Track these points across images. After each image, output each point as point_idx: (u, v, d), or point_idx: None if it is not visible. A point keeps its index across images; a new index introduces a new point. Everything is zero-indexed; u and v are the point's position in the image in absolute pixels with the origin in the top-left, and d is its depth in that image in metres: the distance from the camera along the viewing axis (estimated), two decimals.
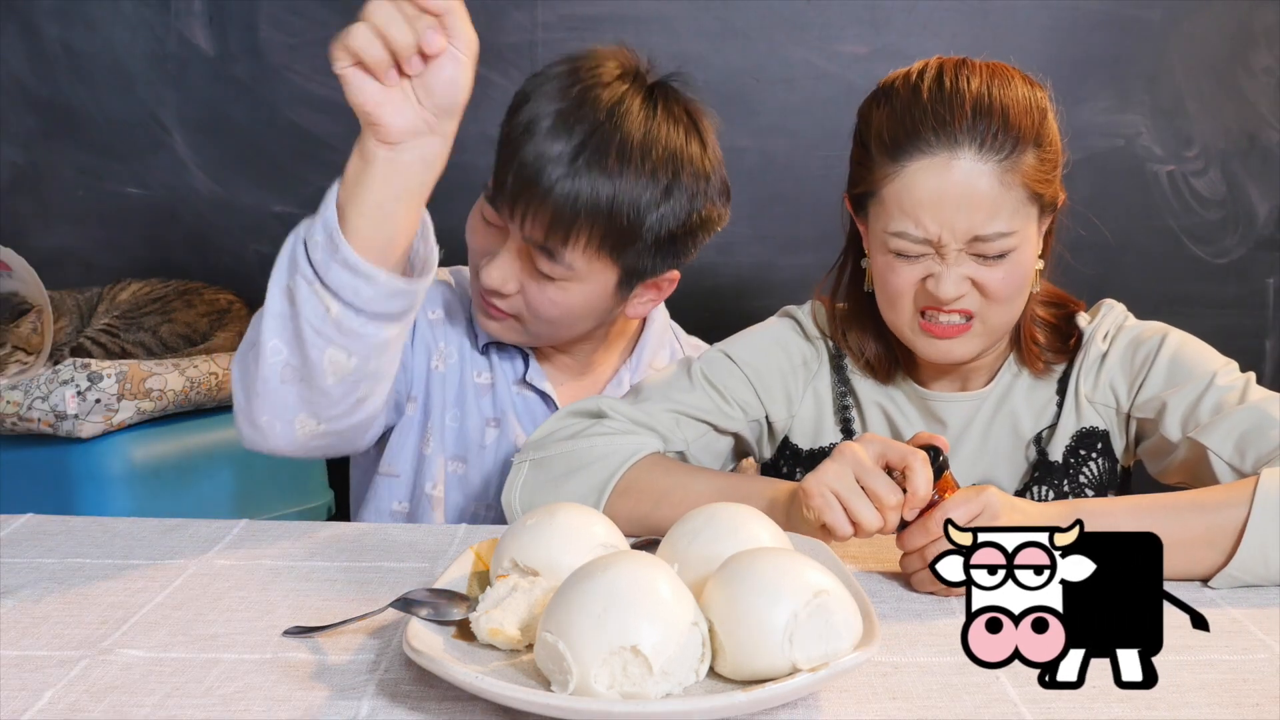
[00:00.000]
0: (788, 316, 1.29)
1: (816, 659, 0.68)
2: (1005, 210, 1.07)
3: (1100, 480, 1.20)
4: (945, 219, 1.06)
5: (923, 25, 2.03)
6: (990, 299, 1.10)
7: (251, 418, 1.09)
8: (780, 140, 2.04)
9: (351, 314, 1.00)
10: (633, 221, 1.21)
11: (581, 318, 1.30)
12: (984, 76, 1.10)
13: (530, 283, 1.25)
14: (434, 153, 1.01)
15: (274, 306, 1.03)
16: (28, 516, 1.11)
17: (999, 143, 1.06)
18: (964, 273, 1.09)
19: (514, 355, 1.39)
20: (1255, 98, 2.08)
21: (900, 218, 1.08)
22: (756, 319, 1.30)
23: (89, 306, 1.87)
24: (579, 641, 0.67)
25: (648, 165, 1.21)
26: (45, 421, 1.58)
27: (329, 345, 1.01)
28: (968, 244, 1.07)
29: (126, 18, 2.02)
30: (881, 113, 1.11)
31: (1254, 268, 2.12)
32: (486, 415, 1.37)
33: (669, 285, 1.34)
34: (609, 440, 1.12)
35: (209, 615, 0.87)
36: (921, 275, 1.10)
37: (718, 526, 0.82)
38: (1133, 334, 1.19)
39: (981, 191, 1.06)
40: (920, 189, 1.07)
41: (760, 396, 1.23)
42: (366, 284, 0.99)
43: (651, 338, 1.45)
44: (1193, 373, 1.13)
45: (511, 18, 2.00)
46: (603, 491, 1.08)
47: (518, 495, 1.13)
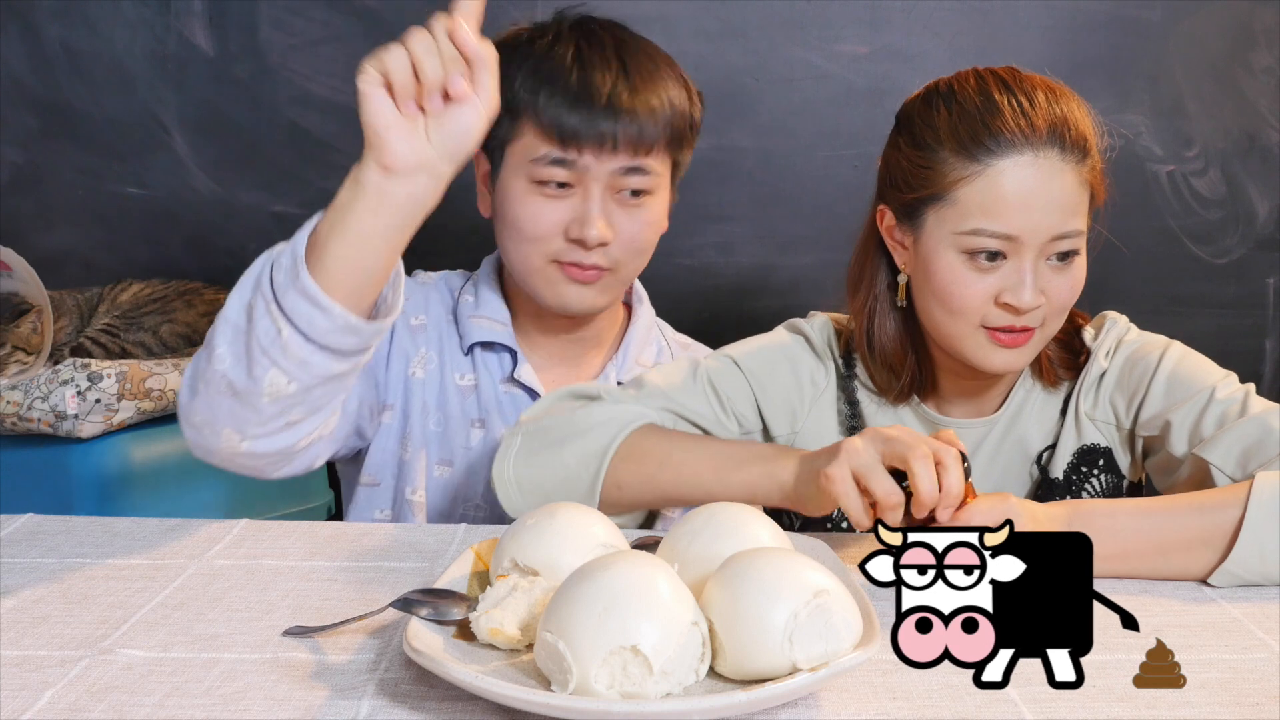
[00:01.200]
0: (796, 332, 1.27)
1: (816, 659, 0.68)
2: (1081, 210, 1.09)
3: (1103, 496, 1.20)
4: (1032, 216, 1.07)
5: (923, 25, 2.03)
6: (1055, 309, 1.11)
7: (190, 417, 1.08)
8: (780, 140, 2.04)
9: (301, 340, 1.00)
10: (682, 113, 1.31)
11: (658, 235, 1.35)
12: (1041, 85, 1.11)
13: (622, 216, 1.29)
14: (426, 193, 1.00)
15: (231, 316, 1.03)
16: (28, 516, 1.11)
17: (1076, 145, 1.08)
18: (1041, 280, 1.08)
19: (500, 352, 1.39)
20: (1255, 98, 2.08)
21: (980, 216, 1.07)
22: (756, 319, 1.30)
23: (89, 306, 1.87)
24: (579, 641, 0.67)
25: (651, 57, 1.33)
26: (45, 421, 1.58)
27: (273, 366, 1.01)
28: (1048, 243, 1.08)
29: (126, 18, 2.02)
30: (947, 114, 1.11)
31: (1254, 268, 2.12)
32: (471, 416, 1.37)
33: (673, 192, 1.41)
34: (607, 408, 1.12)
35: (209, 615, 0.87)
36: (997, 287, 1.09)
37: (718, 526, 0.82)
38: (1130, 350, 1.19)
39: (1064, 191, 1.07)
40: (1007, 185, 1.07)
41: (761, 410, 1.22)
42: (322, 315, 0.99)
43: (637, 334, 1.45)
44: (1193, 388, 1.13)
45: (511, 18, 1.99)
46: (603, 457, 1.07)
47: (511, 464, 1.11)
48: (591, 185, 1.27)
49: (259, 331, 1.00)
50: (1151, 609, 0.91)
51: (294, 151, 2.03)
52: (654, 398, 1.18)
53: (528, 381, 1.37)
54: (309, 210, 1.03)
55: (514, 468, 1.11)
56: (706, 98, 1.39)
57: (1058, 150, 1.07)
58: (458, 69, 0.95)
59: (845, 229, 1.93)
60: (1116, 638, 0.84)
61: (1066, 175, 1.08)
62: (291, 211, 2.02)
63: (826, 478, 0.94)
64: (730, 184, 2.02)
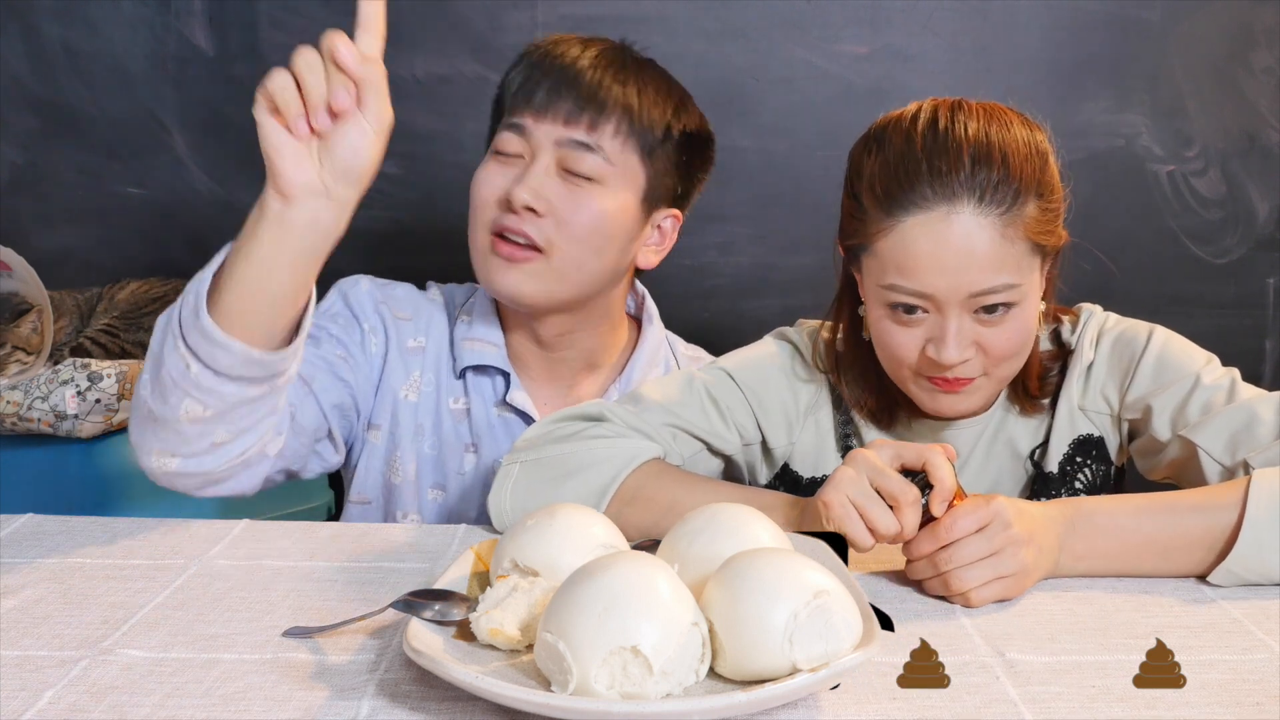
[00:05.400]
0: (785, 341, 1.25)
1: (816, 659, 0.68)
2: (1008, 265, 1.03)
3: (1094, 484, 1.20)
4: (945, 277, 1.03)
5: (923, 25, 2.03)
6: (996, 359, 1.08)
7: (130, 437, 1.08)
8: (780, 140, 2.04)
9: (211, 374, 0.99)
10: (655, 118, 1.27)
11: (609, 239, 1.28)
12: (981, 120, 1.05)
13: (564, 194, 1.25)
14: (328, 218, 0.98)
15: (153, 347, 1.03)
16: (28, 516, 1.11)
17: (999, 195, 1.02)
18: (966, 334, 1.05)
19: (494, 375, 1.36)
20: (1255, 98, 2.07)
21: (895, 273, 1.05)
22: (756, 319, 1.30)
23: (89, 306, 1.86)
24: (579, 641, 0.67)
25: (662, 77, 1.31)
26: (45, 421, 1.58)
27: (186, 396, 1.00)
28: (968, 299, 1.04)
29: (126, 18, 2.02)
30: (874, 162, 1.07)
31: (1254, 268, 2.11)
32: (465, 441, 1.35)
33: (673, 229, 1.36)
34: (608, 444, 1.09)
35: (209, 615, 0.87)
36: (923, 339, 1.07)
37: (718, 526, 0.82)
38: (1115, 335, 1.18)
39: (982, 248, 1.02)
40: (916, 246, 1.03)
41: (760, 422, 1.21)
42: (223, 352, 0.98)
43: (644, 355, 1.41)
44: (1180, 371, 1.13)
45: (511, 18, 2.00)
46: (603, 496, 1.06)
47: (508, 497, 1.09)
48: (540, 154, 1.25)
49: (169, 365, 1.00)
50: (1151, 609, 0.91)
51: None
52: (653, 412, 1.16)
53: (520, 405, 1.34)
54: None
55: (511, 500, 1.09)
56: (707, 98, 1.38)
57: (973, 205, 1.02)
58: (341, 85, 0.92)
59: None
60: (1117, 638, 0.84)
61: (986, 231, 1.02)
62: None
63: (824, 504, 0.93)
64: (730, 184, 2.01)
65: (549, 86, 1.25)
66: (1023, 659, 0.80)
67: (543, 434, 1.13)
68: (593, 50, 1.28)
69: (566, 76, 1.25)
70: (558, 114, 1.24)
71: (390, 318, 1.36)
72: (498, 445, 1.35)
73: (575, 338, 1.36)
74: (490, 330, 1.36)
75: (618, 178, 1.27)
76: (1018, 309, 1.06)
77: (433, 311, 1.39)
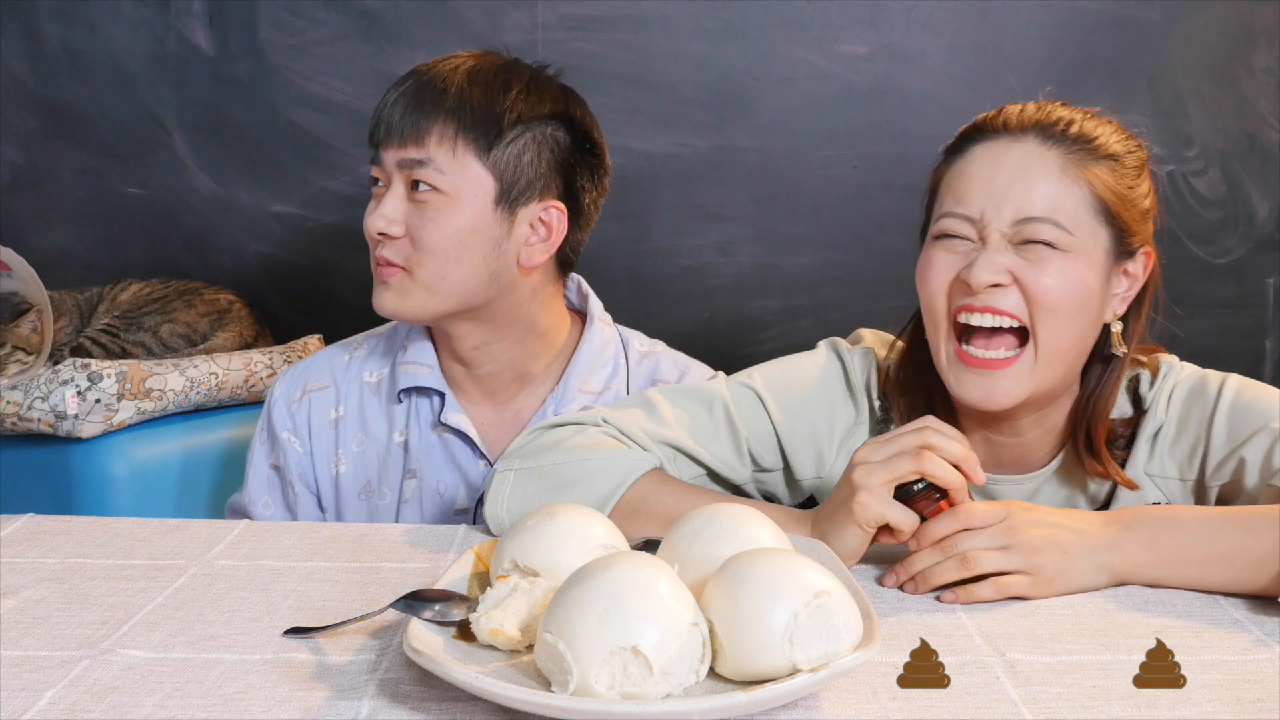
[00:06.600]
0: (835, 357, 1.20)
1: (816, 659, 0.68)
2: (1061, 205, 1.02)
3: None
4: (993, 194, 1.03)
5: (923, 25, 2.03)
6: (1036, 305, 1.02)
7: None
8: (780, 140, 2.04)
9: None
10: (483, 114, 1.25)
11: (465, 248, 1.27)
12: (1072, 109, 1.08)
13: (413, 212, 1.26)
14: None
15: None
16: (28, 516, 1.11)
17: (1069, 137, 1.04)
18: (1002, 262, 1.02)
19: (431, 396, 1.37)
20: (1255, 98, 2.07)
21: (950, 200, 1.05)
22: (756, 319, 1.28)
23: (89, 306, 1.86)
24: (579, 642, 0.67)
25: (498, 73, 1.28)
26: (45, 421, 1.58)
27: None
28: (1013, 227, 1.02)
29: (126, 18, 2.02)
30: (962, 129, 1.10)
31: (1254, 268, 2.11)
32: (405, 468, 1.37)
33: (559, 222, 1.30)
34: (606, 454, 1.06)
35: (209, 616, 0.87)
36: (959, 265, 1.04)
37: (718, 526, 0.82)
38: (1187, 389, 1.11)
39: (1037, 174, 1.02)
40: (973, 166, 1.05)
41: (785, 451, 1.16)
42: None
43: (582, 359, 1.37)
44: (1262, 416, 1.05)
45: (511, 18, 2.00)
46: (603, 508, 1.04)
47: (504, 505, 1.07)
48: (394, 179, 1.28)
49: None
50: (1152, 609, 0.91)
51: (294, 151, 2.03)
52: (660, 426, 1.12)
53: (456, 424, 1.34)
54: (309, 210, 1.03)
55: (508, 509, 1.07)
56: (707, 98, 1.36)
57: (1037, 138, 1.04)
58: None
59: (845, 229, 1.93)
60: (1117, 638, 0.84)
61: (1045, 161, 1.03)
62: (291, 211, 2.02)
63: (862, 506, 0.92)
64: (730, 184, 2.01)
65: (388, 112, 1.27)
66: (1023, 659, 0.80)
67: (535, 440, 1.12)
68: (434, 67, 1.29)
69: (403, 98, 1.27)
70: (392, 136, 1.26)
71: (306, 406, 1.40)
72: (436, 468, 1.36)
73: (493, 350, 1.35)
74: (423, 352, 1.38)
75: (457, 185, 1.26)
76: (1065, 261, 1.02)
77: (346, 374, 1.41)
